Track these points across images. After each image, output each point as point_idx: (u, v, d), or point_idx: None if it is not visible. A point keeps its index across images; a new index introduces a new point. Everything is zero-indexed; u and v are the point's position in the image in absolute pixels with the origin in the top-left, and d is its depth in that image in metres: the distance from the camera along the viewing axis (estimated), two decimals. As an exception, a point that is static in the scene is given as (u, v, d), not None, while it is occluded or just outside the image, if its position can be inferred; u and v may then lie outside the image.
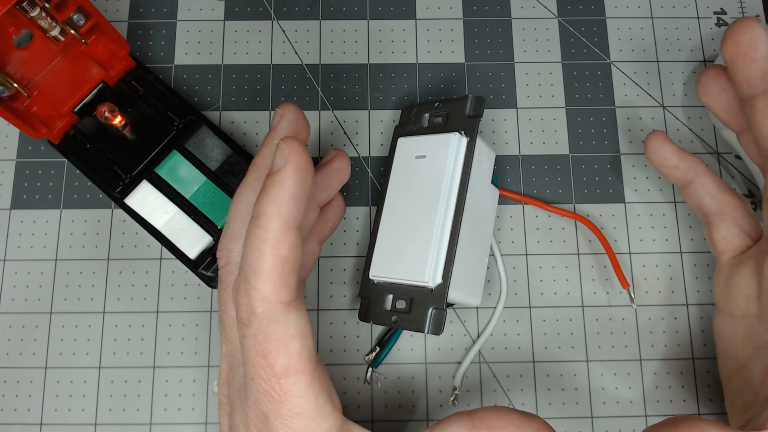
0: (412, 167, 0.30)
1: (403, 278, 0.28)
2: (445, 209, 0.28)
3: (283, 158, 0.21)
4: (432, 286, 0.28)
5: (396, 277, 0.28)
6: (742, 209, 0.30)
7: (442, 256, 0.28)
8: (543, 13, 0.37)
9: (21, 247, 0.33)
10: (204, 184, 0.31)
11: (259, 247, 0.20)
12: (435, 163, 0.29)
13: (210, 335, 0.33)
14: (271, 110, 0.36)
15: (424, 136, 0.30)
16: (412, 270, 0.28)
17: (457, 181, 0.28)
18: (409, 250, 0.28)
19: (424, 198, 0.29)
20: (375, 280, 0.30)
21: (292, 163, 0.21)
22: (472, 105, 0.30)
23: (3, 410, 0.32)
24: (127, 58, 0.33)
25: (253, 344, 0.21)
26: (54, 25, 0.30)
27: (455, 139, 0.29)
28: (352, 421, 0.24)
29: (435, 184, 0.28)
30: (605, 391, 0.32)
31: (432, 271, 0.28)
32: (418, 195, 0.29)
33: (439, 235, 0.28)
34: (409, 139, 0.31)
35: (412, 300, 0.28)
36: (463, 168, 0.29)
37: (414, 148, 0.30)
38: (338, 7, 0.37)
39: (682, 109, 0.36)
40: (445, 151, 0.29)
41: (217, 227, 0.31)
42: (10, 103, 0.31)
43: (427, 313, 0.27)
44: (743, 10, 0.37)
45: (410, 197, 0.29)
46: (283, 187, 0.21)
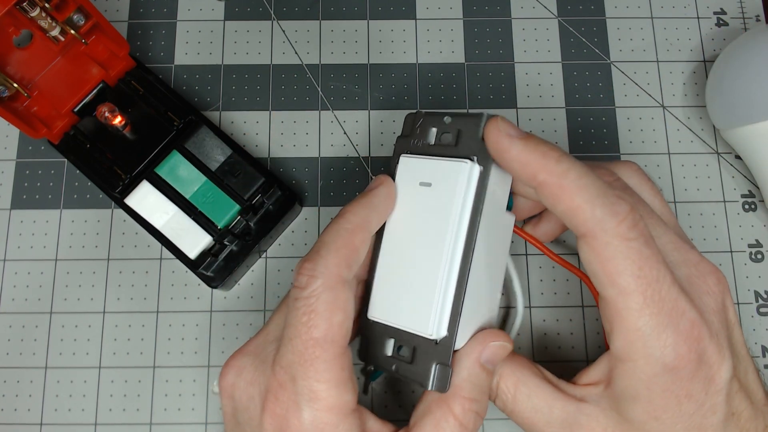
0: (415, 195, 0.26)
1: (404, 325, 0.25)
2: (453, 250, 0.24)
3: (377, 183, 0.26)
4: (437, 338, 0.24)
5: (397, 323, 0.25)
6: None
7: (447, 304, 0.24)
8: (543, 13, 0.37)
9: (21, 247, 0.33)
10: (204, 184, 0.31)
11: (337, 231, 0.24)
12: (442, 194, 0.25)
13: (210, 335, 0.33)
14: (271, 110, 0.36)
15: (432, 159, 0.26)
16: (414, 318, 0.25)
17: (467, 217, 0.24)
18: (411, 294, 0.25)
19: (428, 233, 0.25)
20: (374, 320, 0.26)
21: (385, 189, 0.26)
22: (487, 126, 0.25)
23: (3, 410, 0.32)
24: (127, 58, 0.33)
25: (302, 305, 0.23)
26: (54, 25, 0.30)
27: (467, 168, 0.24)
28: None
29: (442, 219, 0.25)
30: (605, 391, 0.32)
31: (436, 322, 0.24)
32: (422, 229, 0.25)
33: (444, 280, 0.24)
34: (413, 159, 0.26)
35: (414, 349, 0.25)
36: (475, 201, 0.24)
37: (419, 171, 0.26)
38: (338, 7, 0.37)
39: (682, 109, 0.36)
40: (455, 182, 0.24)
41: (218, 227, 0.31)
42: (10, 103, 0.31)
43: (431, 368, 0.24)
44: (743, 10, 0.37)
45: (413, 230, 0.26)
46: (371, 200, 0.25)
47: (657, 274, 0.22)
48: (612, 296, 0.22)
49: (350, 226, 0.24)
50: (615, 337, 0.23)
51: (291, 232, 0.34)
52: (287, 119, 0.35)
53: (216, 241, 0.31)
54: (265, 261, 0.34)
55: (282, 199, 0.32)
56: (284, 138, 0.35)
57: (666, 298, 0.22)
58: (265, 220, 0.32)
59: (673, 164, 0.35)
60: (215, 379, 0.32)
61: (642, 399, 0.23)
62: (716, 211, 0.34)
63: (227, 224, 0.31)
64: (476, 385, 0.24)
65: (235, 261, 0.32)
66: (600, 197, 0.22)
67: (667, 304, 0.22)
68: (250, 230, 0.32)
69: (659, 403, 0.23)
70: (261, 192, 0.32)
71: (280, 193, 0.32)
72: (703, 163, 0.35)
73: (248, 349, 0.25)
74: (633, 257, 0.22)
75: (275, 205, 0.32)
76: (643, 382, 0.22)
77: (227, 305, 0.33)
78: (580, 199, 0.22)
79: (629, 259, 0.22)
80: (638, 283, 0.22)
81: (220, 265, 0.31)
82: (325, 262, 0.23)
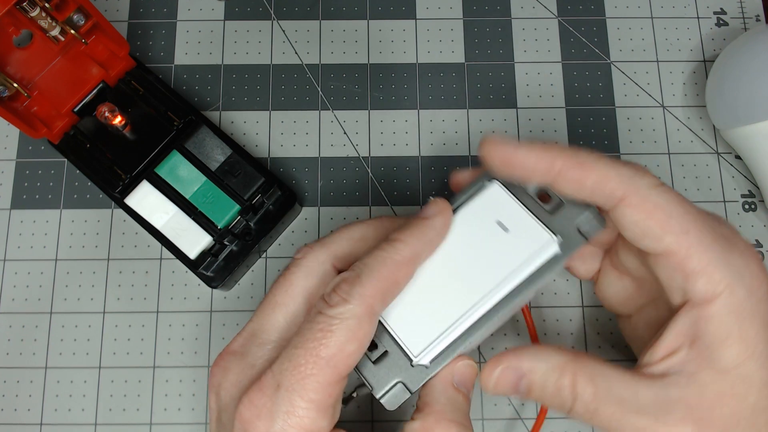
0: (486, 227, 0.25)
1: (397, 332, 0.24)
2: (485, 302, 0.24)
3: (435, 211, 0.25)
4: (419, 362, 0.24)
5: (393, 326, 0.25)
6: None
7: (447, 341, 0.24)
8: (543, 13, 0.37)
9: (21, 247, 0.33)
10: (204, 184, 0.31)
11: (384, 260, 0.23)
12: (510, 247, 0.24)
13: (210, 335, 0.33)
14: (271, 110, 0.36)
15: (522, 209, 0.25)
16: (411, 332, 0.24)
17: (514, 283, 0.24)
18: (424, 311, 0.24)
19: (475, 272, 0.24)
20: None
21: (442, 220, 0.25)
22: (587, 221, 0.24)
23: (3, 410, 0.32)
24: (127, 58, 0.33)
25: (323, 321, 0.22)
26: (54, 25, 0.30)
27: (549, 243, 0.24)
28: None
29: (496, 269, 0.24)
30: (605, 391, 0.32)
31: (427, 350, 0.24)
32: (472, 263, 0.25)
33: (460, 323, 0.24)
34: (507, 195, 0.25)
35: (386, 354, 0.24)
36: (534, 275, 0.24)
37: (503, 211, 0.25)
38: (338, 7, 0.37)
39: (682, 109, 0.36)
40: (530, 247, 0.24)
41: (218, 227, 0.31)
42: (10, 103, 0.31)
43: (391, 382, 0.24)
44: (743, 10, 0.37)
45: (464, 257, 0.25)
46: (426, 231, 0.24)
47: (697, 209, 0.23)
48: (672, 243, 0.23)
49: (399, 257, 0.23)
50: (692, 283, 0.23)
51: (291, 232, 0.34)
52: (287, 119, 0.35)
53: (216, 241, 0.31)
54: (265, 261, 0.34)
55: (282, 199, 0.32)
56: (284, 138, 0.35)
57: (715, 228, 0.23)
58: (265, 220, 0.32)
59: (673, 164, 0.35)
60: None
61: (734, 335, 0.22)
62: (716, 211, 0.34)
63: (227, 224, 0.31)
64: (457, 409, 0.24)
65: (235, 261, 0.32)
66: (619, 163, 0.23)
67: (718, 232, 0.23)
68: (250, 230, 0.32)
69: (750, 335, 0.22)
70: (261, 192, 0.32)
71: (280, 193, 0.32)
72: (703, 163, 0.35)
73: (234, 348, 0.25)
74: (674, 200, 0.23)
75: (275, 205, 0.32)
76: (733, 315, 0.22)
77: (227, 305, 0.33)
78: (603, 168, 0.23)
79: (673, 202, 0.23)
80: (692, 220, 0.23)
81: (220, 265, 0.31)
82: (362, 290, 0.22)
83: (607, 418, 0.23)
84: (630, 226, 0.23)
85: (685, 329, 0.23)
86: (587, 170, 0.23)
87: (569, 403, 0.23)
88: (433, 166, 0.35)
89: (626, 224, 0.23)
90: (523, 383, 0.24)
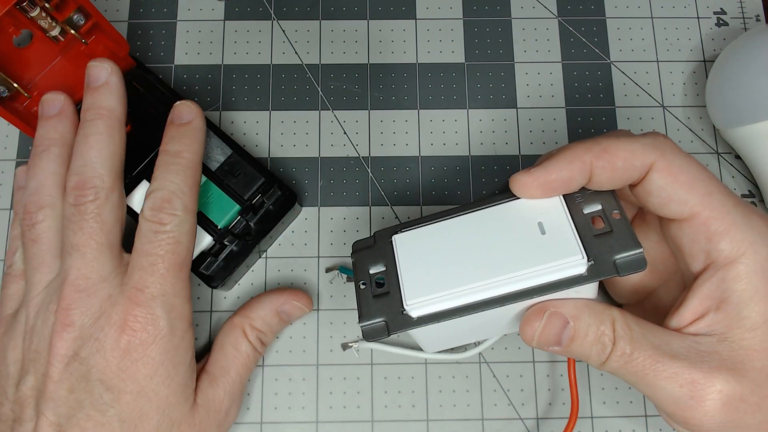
0: (527, 221, 0.25)
1: (404, 277, 0.25)
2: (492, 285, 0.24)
3: (190, 114, 0.29)
4: (408, 312, 0.25)
5: (403, 270, 0.25)
6: None
7: (440, 306, 0.24)
8: (543, 13, 0.37)
9: (21, 247, 0.33)
10: (204, 184, 0.31)
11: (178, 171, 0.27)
12: (539, 250, 0.24)
13: (210, 335, 0.33)
14: (271, 110, 0.36)
15: (568, 220, 0.24)
16: (415, 281, 0.25)
17: (528, 283, 0.24)
18: (437, 267, 0.25)
19: (497, 254, 0.24)
20: (394, 244, 0.26)
21: (199, 119, 0.29)
22: (629, 261, 0.23)
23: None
24: (127, 58, 0.33)
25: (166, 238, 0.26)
26: (54, 25, 0.30)
27: (576, 262, 0.23)
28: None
29: (516, 261, 0.24)
30: (605, 391, 0.32)
31: (420, 304, 0.24)
32: (498, 246, 0.25)
33: (461, 294, 0.24)
34: (558, 203, 0.25)
35: (388, 294, 0.25)
36: (547, 284, 0.24)
37: (550, 216, 0.25)
38: (338, 7, 0.37)
39: (682, 109, 0.36)
40: (556, 257, 0.24)
41: (218, 227, 0.31)
42: (10, 103, 0.31)
43: (378, 317, 0.25)
44: (743, 10, 0.37)
45: (494, 238, 0.25)
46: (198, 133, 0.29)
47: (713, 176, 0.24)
48: (697, 205, 0.23)
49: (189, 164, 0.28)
50: (716, 243, 0.23)
51: (291, 232, 0.34)
52: (287, 119, 0.35)
53: (216, 241, 0.31)
54: (265, 261, 0.34)
55: (282, 199, 0.32)
56: (284, 138, 0.35)
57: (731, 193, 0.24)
58: (265, 220, 0.32)
59: (673, 164, 0.35)
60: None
61: (760, 293, 0.23)
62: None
63: (227, 224, 0.31)
64: (267, 324, 0.30)
65: (235, 261, 0.31)
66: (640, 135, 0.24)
67: (736, 197, 0.24)
68: (250, 230, 0.32)
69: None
70: (261, 192, 0.32)
71: (280, 193, 0.32)
72: (704, 163, 0.35)
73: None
74: (696, 164, 0.24)
75: (275, 205, 0.32)
76: (758, 273, 0.23)
77: (227, 305, 0.33)
78: (627, 145, 0.24)
79: (696, 166, 0.24)
80: (714, 184, 0.24)
81: (220, 265, 0.31)
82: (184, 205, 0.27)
83: (641, 363, 0.23)
84: (657, 192, 0.24)
85: (710, 292, 0.24)
86: (613, 153, 0.24)
87: (607, 351, 0.24)
88: (433, 166, 0.35)
89: (654, 190, 0.24)
90: (567, 332, 0.24)
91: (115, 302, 0.26)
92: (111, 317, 0.25)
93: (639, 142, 0.24)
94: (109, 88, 0.28)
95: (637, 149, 0.24)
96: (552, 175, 0.24)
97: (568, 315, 0.24)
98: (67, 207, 0.27)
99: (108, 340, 0.25)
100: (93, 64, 0.29)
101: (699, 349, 0.23)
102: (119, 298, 0.26)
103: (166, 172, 0.27)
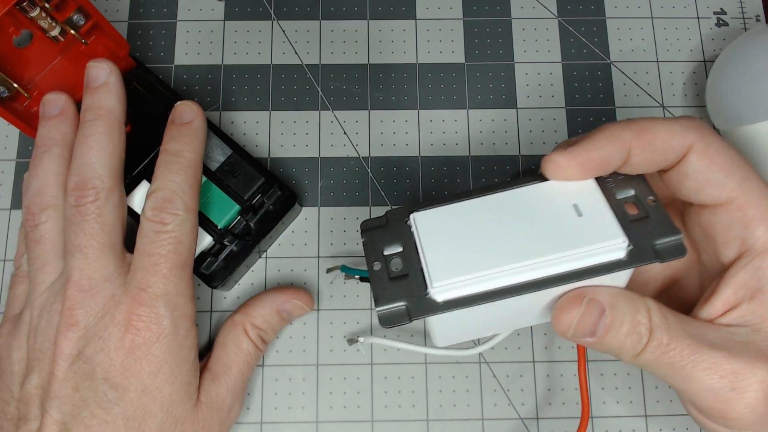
0: (561, 203, 0.23)
1: (427, 256, 0.23)
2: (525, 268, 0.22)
3: (191, 114, 0.29)
4: (432, 295, 0.22)
5: (426, 249, 0.23)
6: None
7: (469, 289, 0.22)
8: (543, 13, 0.37)
9: (21, 247, 0.33)
10: (204, 184, 0.31)
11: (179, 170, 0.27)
12: (577, 232, 0.22)
13: (210, 335, 0.33)
14: (271, 110, 0.36)
15: (605, 203, 0.23)
16: (440, 262, 0.22)
17: (565, 267, 0.22)
18: (464, 249, 0.23)
19: (530, 236, 0.23)
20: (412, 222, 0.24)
21: (200, 118, 0.29)
22: (670, 246, 0.22)
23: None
24: (127, 58, 0.33)
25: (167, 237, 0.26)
26: (54, 25, 0.30)
27: (617, 244, 0.22)
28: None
29: (550, 243, 0.22)
30: (605, 391, 0.32)
31: (447, 287, 0.22)
32: (530, 227, 0.23)
33: (492, 277, 0.22)
34: (592, 184, 0.24)
35: (407, 276, 0.23)
36: (584, 269, 0.22)
37: (585, 198, 0.23)
38: (338, 7, 0.37)
39: (682, 109, 0.36)
40: (596, 240, 0.22)
41: (218, 227, 0.31)
42: (10, 103, 0.31)
43: (397, 301, 0.22)
44: (743, 10, 0.37)
45: (525, 219, 0.23)
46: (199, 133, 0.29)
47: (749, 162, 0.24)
48: (734, 190, 0.23)
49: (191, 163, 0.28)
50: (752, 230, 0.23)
51: (291, 232, 0.34)
52: (287, 119, 0.35)
53: (216, 241, 0.31)
54: (265, 261, 0.34)
55: (282, 199, 0.32)
56: (284, 138, 0.35)
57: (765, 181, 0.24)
58: (265, 220, 0.32)
59: (673, 164, 0.35)
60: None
61: None
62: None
63: (227, 224, 0.31)
64: (267, 322, 0.30)
65: (235, 261, 0.31)
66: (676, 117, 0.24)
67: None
68: (250, 230, 0.32)
69: None
70: (261, 192, 0.32)
71: (280, 193, 0.32)
72: (703, 163, 0.35)
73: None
74: (733, 148, 0.23)
75: (275, 205, 0.32)
76: None
77: (227, 305, 0.33)
78: (666, 125, 0.23)
79: (732, 149, 0.23)
80: (751, 171, 0.23)
81: (220, 265, 0.31)
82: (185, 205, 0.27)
83: (679, 354, 0.22)
84: (695, 174, 0.23)
85: (744, 281, 0.23)
86: (653, 132, 0.23)
87: (643, 341, 0.22)
88: (433, 166, 0.35)
89: (691, 172, 0.23)
90: (603, 321, 0.22)
91: (118, 302, 0.26)
92: (115, 316, 0.25)
93: (678, 123, 0.23)
94: (108, 88, 0.28)
95: (676, 129, 0.23)
96: (592, 153, 0.23)
97: (605, 303, 0.22)
98: (68, 208, 0.27)
99: (112, 339, 0.25)
100: (92, 65, 0.29)
101: (735, 339, 0.22)
102: (122, 298, 0.26)
103: (167, 172, 0.27)
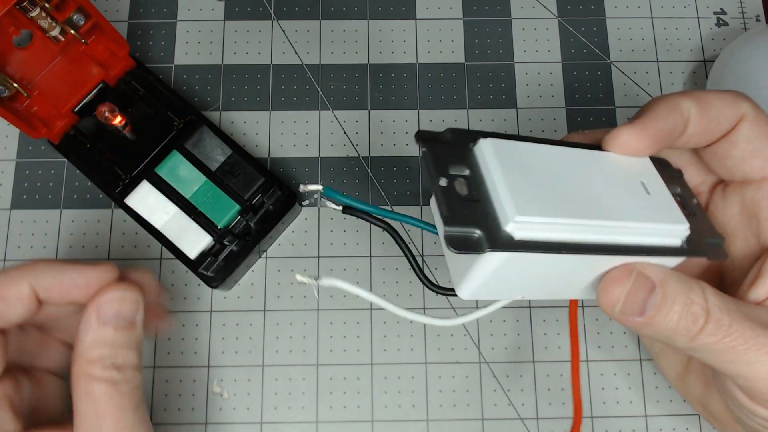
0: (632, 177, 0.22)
1: (507, 185, 0.19)
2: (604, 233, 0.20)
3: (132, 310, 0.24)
4: (509, 231, 0.19)
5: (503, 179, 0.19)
6: None
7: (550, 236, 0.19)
8: (543, 13, 0.37)
9: (21, 247, 0.33)
10: (204, 184, 0.31)
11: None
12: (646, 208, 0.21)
13: (210, 335, 0.33)
14: (271, 110, 0.36)
15: (666, 187, 0.23)
16: (523, 200, 0.19)
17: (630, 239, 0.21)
18: (546, 187, 0.20)
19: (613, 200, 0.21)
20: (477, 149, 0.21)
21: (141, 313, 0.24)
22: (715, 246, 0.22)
23: None
24: (127, 58, 0.33)
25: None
26: (54, 25, 0.30)
27: (680, 228, 0.21)
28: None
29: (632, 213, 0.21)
30: (605, 391, 0.32)
31: (532, 228, 0.19)
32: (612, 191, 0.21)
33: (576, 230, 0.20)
34: (652, 168, 0.23)
35: (476, 201, 0.19)
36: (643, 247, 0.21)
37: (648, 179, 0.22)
38: (338, 7, 0.37)
39: (682, 109, 0.36)
40: (662, 219, 0.21)
41: (218, 227, 0.31)
42: (10, 103, 0.31)
43: (471, 227, 0.18)
44: (743, 10, 0.37)
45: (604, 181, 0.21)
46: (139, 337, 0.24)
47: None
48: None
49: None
50: None
51: (291, 232, 0.34)
52: (287, 119, 0.35)
53: (216, 241, 0.31)
54: (265, 261, 0.34)
55: (282, 199, 0.32)
56: (284, 138, 0.35)
57: None
58: (265, 220, 0.32)
59: (673, 164, 0.35)
60: (215, 378, 0.32)
61: None
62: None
63: (227, 224, 0.31)
64: (107, 344, 0.23)
65: (235, 261, 0.31)
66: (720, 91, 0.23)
67: None
68: (250, 230, 0.32)
69: None
70: (261, 192, 0.32)
71: (280, 193, 0.32)
72: (703, 163, 0.35)
73: None
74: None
75: (275, 205, 0.32)
76: None
77: (227, 305, 0.33)
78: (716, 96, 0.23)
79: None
80: None
81: (220, 265, 0.31)
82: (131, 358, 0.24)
83: (742, 336, 0.20)
84: (744, 144, 0.23)
85: None
86: (707, 101, 0.23)
87: (700, 322, 0.20)
88: (433, 166, 0.35)
89: (741, 142, 0.23)
90: (653, 299, 0.20)
91: None
92: None
93: (729, 93, 0.23)
94: None
95: (728, 99, 0.23)
96: (659, 124, 0.22)
97: (656, 279, 0.20)
98: None
99: None
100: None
101: None
102: None
103: None
